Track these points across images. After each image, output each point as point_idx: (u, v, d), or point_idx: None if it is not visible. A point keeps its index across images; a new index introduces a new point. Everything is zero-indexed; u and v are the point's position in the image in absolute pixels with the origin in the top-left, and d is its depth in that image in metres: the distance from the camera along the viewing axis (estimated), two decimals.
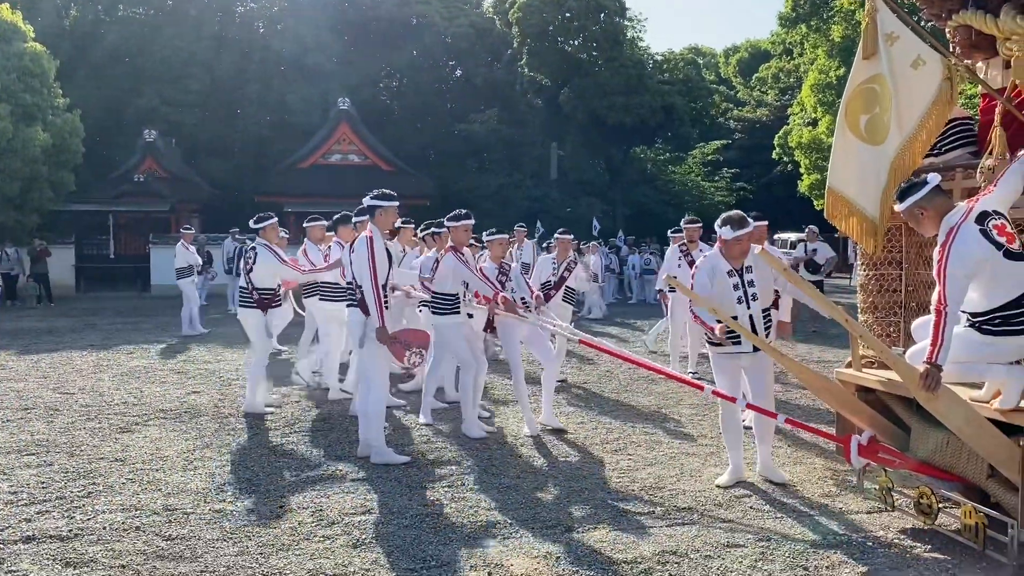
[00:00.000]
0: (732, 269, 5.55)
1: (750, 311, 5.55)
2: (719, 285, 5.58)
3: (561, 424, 7.48)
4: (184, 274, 14.88)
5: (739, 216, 5.57)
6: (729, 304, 5.51)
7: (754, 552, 4.47)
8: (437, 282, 7.16)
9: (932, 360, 4.04)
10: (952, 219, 4.19)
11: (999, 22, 4.80)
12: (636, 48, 38.18)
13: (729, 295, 5.55)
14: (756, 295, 5.56)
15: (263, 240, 8.01)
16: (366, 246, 6.14)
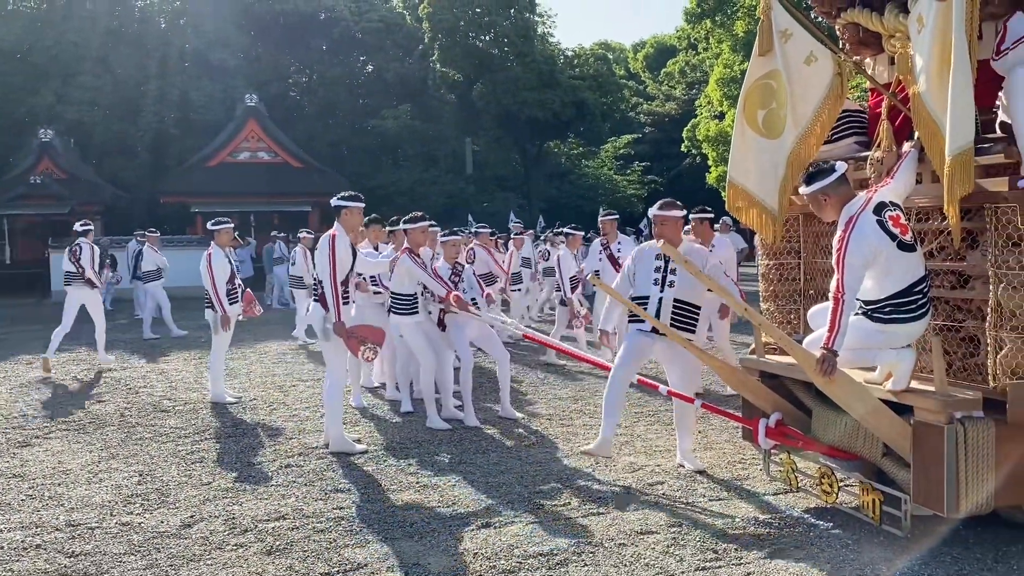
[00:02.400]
0: (661, 253, 5.59)
1: (662, 295, 5.61)
2: (642, 264, 5.80)
3: (519, 416, 7.74)
4: (151, 277, 14.85)
5: (669, 200, 5.85)
6: (645, 284, 5.71)
7: (666, 538, 4.59)
8: (394, 283, 7.47)
9: (829, 346, 4.21)
10: (852, 209, 4.36)
11: (884, 20, 5.02)
12: (547, 44, 38.47)
13: (647, 276, 5.72)
14: (674, 283, 5.60)
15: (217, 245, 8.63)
16: (328, 244, 6.43)
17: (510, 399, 7.86)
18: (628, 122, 43.61)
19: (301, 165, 30.60)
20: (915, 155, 4.52)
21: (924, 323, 4.33)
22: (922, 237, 4.65)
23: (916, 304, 4.25)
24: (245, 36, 35.21)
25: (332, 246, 6.42)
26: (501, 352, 7.61)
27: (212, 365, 8.69)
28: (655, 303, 5.61)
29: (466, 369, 7.44)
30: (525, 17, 36.97)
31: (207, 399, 8.72)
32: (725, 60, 28.07)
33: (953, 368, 4.47)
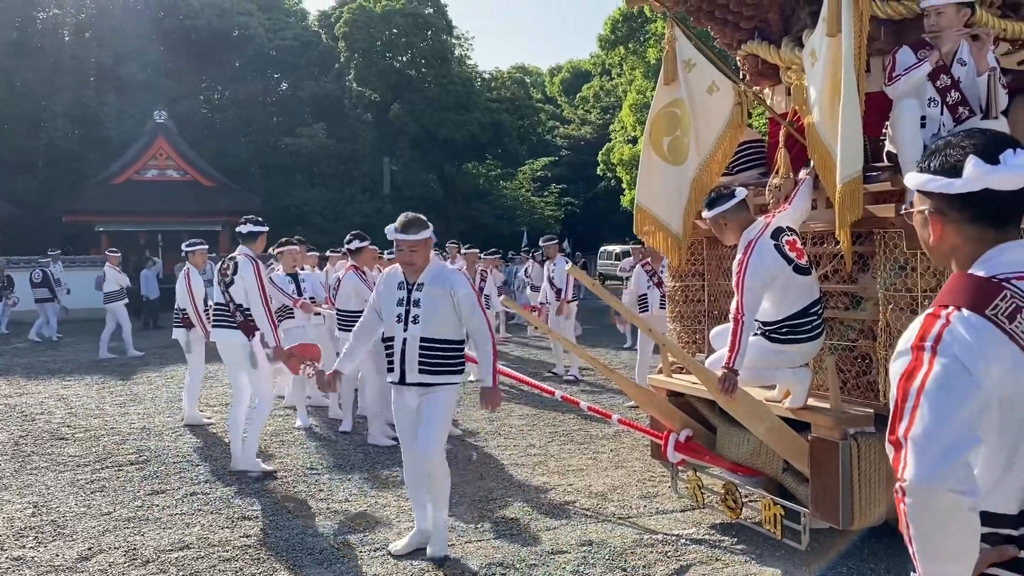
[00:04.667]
0: (404, 281, 4.64)
1: (406, 335, 4.52)
2: (386, 296, 4.69)
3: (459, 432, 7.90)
4: (114, 297, 14.42)
5: (405, 219, 4.53)
6: (389, 320, 4.64)
7: (576, 557, 4.64)
8: (340, 300, 7.81)
9: (730, 365, 4.34)
10: (751, 233, 4.53)
11: (781, 53, 5.26)
12: (464, 66, 38.68)
13: (390, 311, 4.64)
14: (418, 318, 4.51)
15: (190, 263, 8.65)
16: (255, 271, 6.53)
17: None
18: (545, 145, 44.13)
19: (212, 183, 29.88)
20: (810, 182, 4.73)
21: (819, 343, 4.52)
22: (818, 260, 4.86)
23: (811, 325, 4.44)
24: (155, 51, 34.28)
25: (259, 272, 6.53)
26: None
27: (188, 387, 8.54)
28: (399, 345, 4.53)
29: (372, 393, 7.53)
30: (442, 39, 37.11)
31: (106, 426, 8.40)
32: (638, 86, 28.76)
33: (847, 386, 4.67)
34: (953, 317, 1.60)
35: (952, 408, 1.53)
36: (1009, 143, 1.68)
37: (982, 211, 1.69)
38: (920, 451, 1.52)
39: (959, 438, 1.52)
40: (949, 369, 1.55)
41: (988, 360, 1.55)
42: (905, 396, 1.59)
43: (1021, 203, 1.68)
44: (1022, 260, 1.67)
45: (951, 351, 1.56)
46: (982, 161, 1.65)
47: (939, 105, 4.37)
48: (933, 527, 1.53)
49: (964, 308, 1.60)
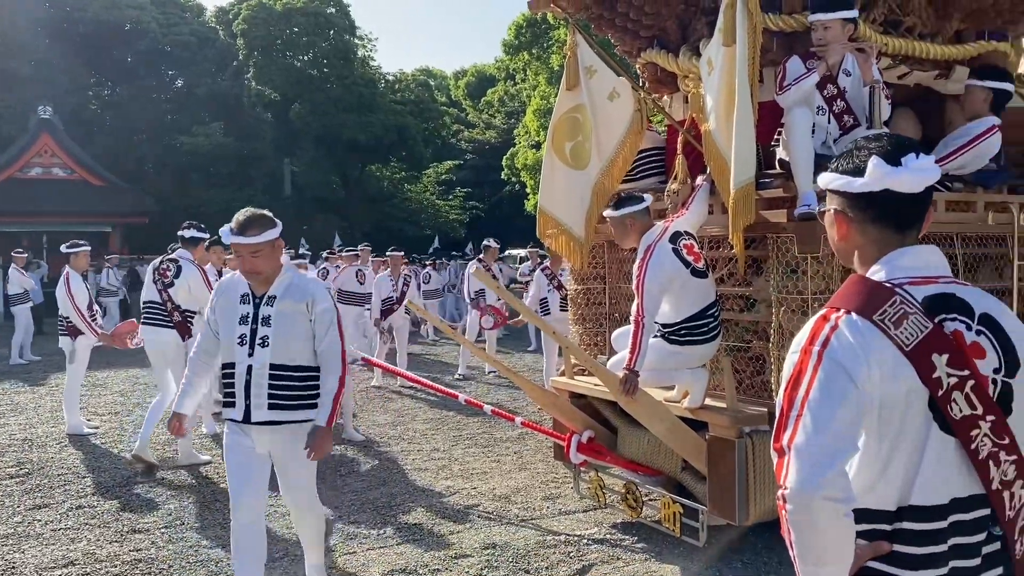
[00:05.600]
0: (248, 294, 3.72)
1: (252, 360, 3.64)
2: (225, 312, 3.76)
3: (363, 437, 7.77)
4: (19, 300, 13.87)
5: (244, 217, 3.63)
6: (229, 343, 3.71)
7: (480, 560, 4.63)
8: None
9: (631, 367, 4.42)
10: (650, 237, 4.62)
11: (679, 61, 5.40)
12: (368, 67, 38.26)
13: (231, 331, 3.71)
14: (268, 340, 3.63)
15: None
16: (203, 278, 6.84)
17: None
18: (450, 148, 44.07)
19: (101, 183, 28.64)
20: (707, 188, 4.86)
21: (716, 344, 4.64)
22: (714, 264, 5.00)
23: (708, 327, 4.55)
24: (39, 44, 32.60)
25: (206, 278, 6.91)
26: None
27: (67, 395, 8.24)
28: (243, 373, 3.65)
29: None
30: (345, 39, 36.61)
31: (62, 432, 7.92)
32: (542, 91, 29.03)
33: (742, 386, 4.81)
34: (842, 321, 1.66)
35: (833, 417, 1.58)
36: (914, 148, 1.74)
37: (883, 212, 1.75)
38: (801, 460, 1.57)
39: (838, 448, 1.58)
40: (833, 376, 1.61)
41: (871, 364, 1.61)
42: (791, 404, 1.64)
43: (921, 207, 1.75)
44: (917, 265, 1.74)
45: (836, 356, 1.62)
46: (884, 162, 1.71)
47: (827, 114, 4.57)
48: (812, 533, 1.58)
49: (853, 312, 1.66)
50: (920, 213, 1.77)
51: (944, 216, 4.83)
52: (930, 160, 1.73)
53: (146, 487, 6.22)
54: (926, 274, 1.73)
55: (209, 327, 3.86)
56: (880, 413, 1.63)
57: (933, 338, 1.63)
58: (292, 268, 3.84)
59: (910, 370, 1.62)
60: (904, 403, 1.63)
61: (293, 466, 3.82)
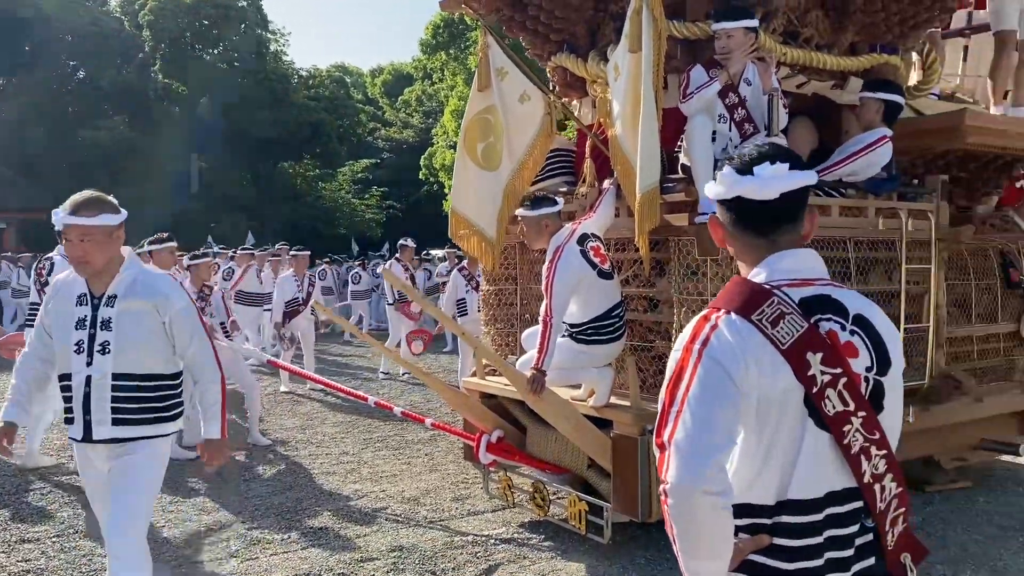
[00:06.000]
0: (86, 293, 3.26)
1: (90, 370, 3.19)
2: (59, 316, 3.30)
3: (269, 441, 7.57)
4: None
5: (81, 197, 3.18)
6: (65, 354, 3.26)
7: (387, 563, 4.59)
8: None
9: (538, 366, 4.46)
10: (559, 239, 4.67)
11: (587, 66, 5.47)
12: (280, 62, 37.49)
13: (66, 336, 3.25)
14: (109, 345, 3.19)
15: None
16: None
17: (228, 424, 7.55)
18: (366, 146, 43.54)
19: None
20: (614, 191, 4.94)
21: (621, 344, 4.72)
22: (620, 266, 5.09)
23: (614, 327, 4.63)
24: None
25: None
26: (250, 381, 7.57)
27: None
28: (80, 385, 3.21)
29: None
30: (257, 33, 35.76)
31: None
32: (459, 92, 28.97)
33: (646, 384, 4.90)
34: (721, 321, 1.72)
35: (712, 414, 1.64)
36: (771, 157, 1.80)
37: (740, 218, 1.82)
38: (680, 455, 1.62)
39: (716, 443, 1.63)
40: (712, 374, 1.66)
41: (749, 362, 1.67)
42: (671, 401, 1.69)
43: (783, 213, 1.81)
44: (796, 268, 1.81)
45: (716, 354, 1.68)
46: (734, 171, 1.79)
47: (728, 121, 4.70)
48: (692, 526, 1.63)
49: (733, 312, 1.72)
50: (782, 218, 1.81)
51: (838, 221, 5.03)
52: (783, 168, 1.77)
53: (38, 495, 5.95)
54: (804, 277, 1.80)
55: (44, 330, 3.35)
56: (758, 410, 1.69)
57: (808, 337, 1.69)
58: (137, 263, 3.32)
59: (786, 368, 1.68)
60: (781, 400, 1.69)
61: (125, 492, 3.19)
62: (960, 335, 5.78)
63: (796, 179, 1.79)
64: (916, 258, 5.28)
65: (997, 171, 6.14)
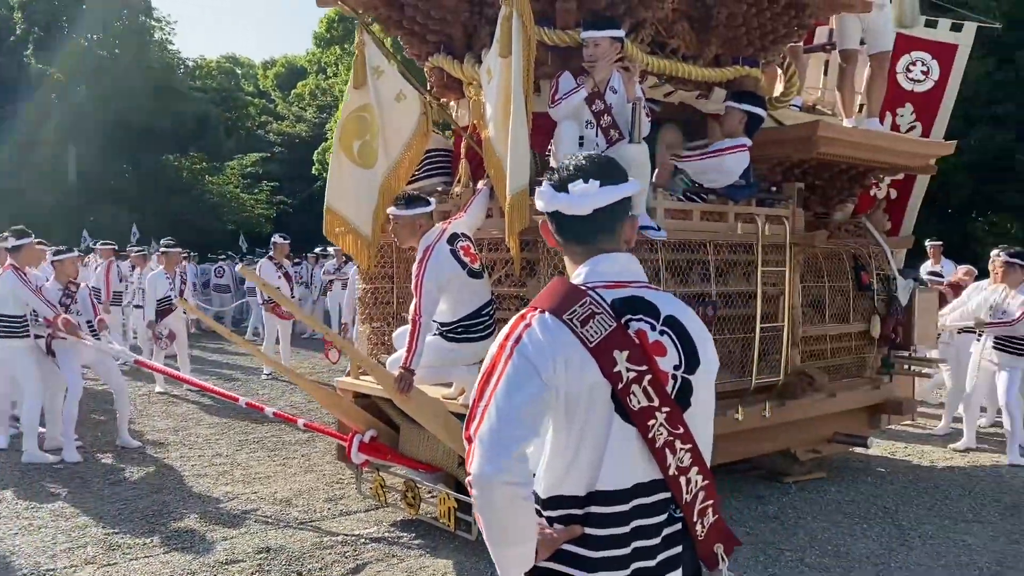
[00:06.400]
0: None
1: None
2: None
3: (137, 444, 7.33)
4: None
5: None
6: None
7: (252, 565, 4.53)
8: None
9: (407, 365, 4.48)
10: (429, 239, 4.70)
11: (463, 68, 5.52)
12: (166, 51, 36.11)
13: None
14: None
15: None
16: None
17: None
18: (257, 140, 42.37)
19: None
20: (487, 192, 5.02)
21: (491, 342, 4.78)
22: (493, 265, 5.16)
23: (484, 325, 4.71)
24: None
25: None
26: (119, 382, 7.35)
27: None
28: None
29: (73, 398, 6.89)
30: (140, 20, 34.31)
31: None
32: None
33: None
34: (535, 319, 1.81)
35: (515, 408, 1.72)
36: (586, 174, 1.88)
37: (561, 228, 1.93)
38: (483, 448, 1.70)
39: (516, 436, 1.71)
40: (520, 370, 1.74)
41: (557, 360, 1.75)
42: (481, 396, 1.77)
43: (600, 224, 1.90)
44: (613, 271, 1.90)
45: (526, 351, 1.76)
46: (552, 189, 1.90)
47: (595, 127, 4.85)
48: (495, 516, 1.72)
49: (547, 311, 1.81)
50: (602, 228, 1.91)
51: (699, 225, 5.26)
52: (594, 186, 1.87)
53: None
54: (620, 279, 1.89)
55: None
56: (567, 405, 1.77)
57: (615, 336, 1.79)
58: None
59: (593, 365, 1.77)
60: (588, 395, 1.78)
61: None
62: (814, 334, 6.13)
63: (608, 195, 1.88)
64: (772, 261, 5.57)
65: (850, 180, 6.52)
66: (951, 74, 7.64)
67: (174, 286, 9.74)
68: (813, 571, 4.50)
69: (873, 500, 5.80)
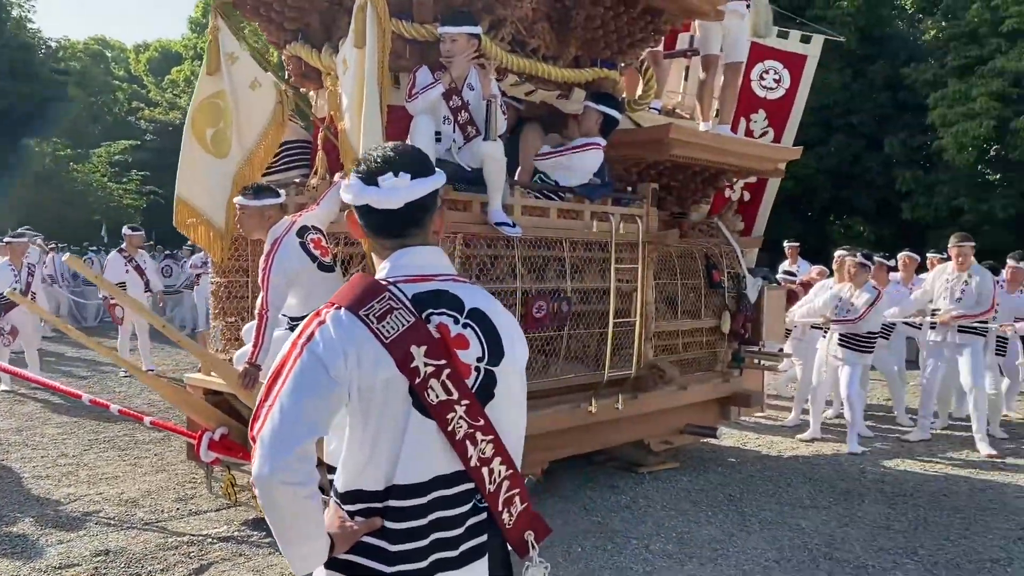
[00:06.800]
0: None
1: None
2: None
3: None
4: None
5: None
6: None
7: (87, 569, 4.34)
8: None
9: (252, 360, 4.39)
10: (277, 231, 4.61)
11: (322, 58, 5.44)
12: (24, 30, 33.95)
13: None
14: None
15: None
16: None
17: None
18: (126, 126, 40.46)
19: None
20: (341, 185, 4.94)
21: None
22: (350, 260, 5.10)
23: None
24: None
25: None
26: None
27: None
28: None
29: None
30: None
31: None
32: None
33: None
34: (329, 316, 1.78)
35: (299, 407, 1.69)
36: (395, 167, 1.88)
37: (370, 221, 1.91)
38: (263, 448, 1.68)
39: (299, 434, 1.68)
40: (309, 368, 1.71)
41: (349, 356, 1.73)
42: (267, 395, 1.73)
43: (406, 218, 1.90)
44: (417, 264, 1.90)
45: (316, 349, 1.73)
46: (361, 182, 1.88)
47: (452, 123, 4.87)
48: (279, 516, 1.70)
49: (343, 308, 1.79)
50: (412, 222, 1.91)
51: (556, 223, 5.36)
52: (405, 179, 1.87)
53: None
54: (423, 272, 1.90)
55: None
56: (361, 401, 1.76)
57: (413, 331, 1.79)
58: None
59: (389, 360, 1.76)
60: (384, 391, 1.77)
61: None
62: (667, 329, 6.35)
63: (419, 188, 1.88)
64: (626, 259, 5.74)
65: (704, 182, 6.78)
66: (800, 83, 8.06)
67: (19, 279, 9.17)
68: (657, 558, 4.66)
69: (720, 488, 6.07)
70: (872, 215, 17.43)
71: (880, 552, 4.83)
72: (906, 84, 16.26)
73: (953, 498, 5.93)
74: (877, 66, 16.97)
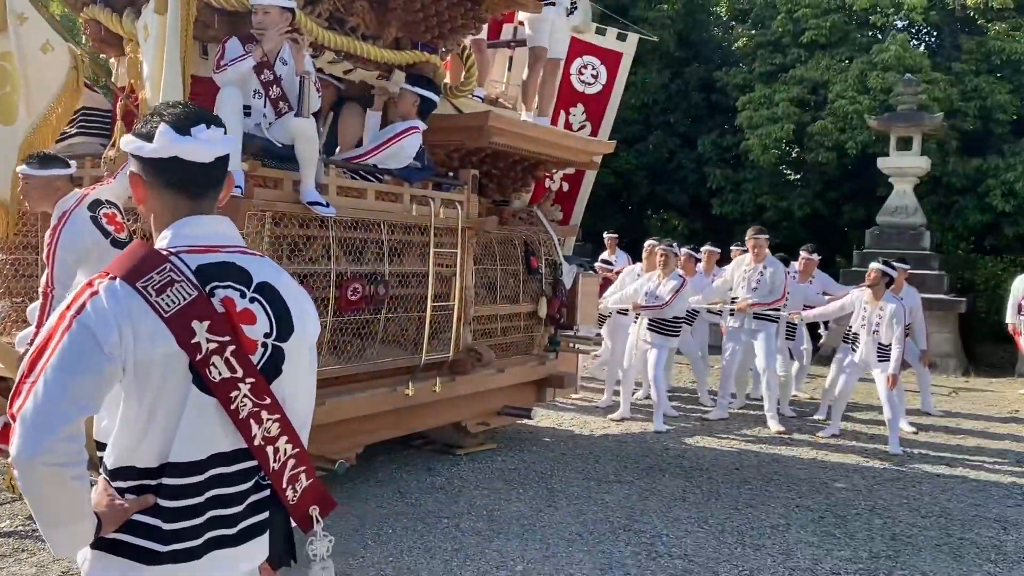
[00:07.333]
0: None
1: None
2: None
3: None
4: None
5: None
6: None
7: None
8: None
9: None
10: (66, 204, 4.30)
11: (123, 23, 5.11)
12: None
13: None
14: None
15: None
16: None
17: None
18: None
19: None
20: None
21: None
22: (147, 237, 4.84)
23: None
24: None
25: None
26: None
27: None
28: None
29: None
30: None
31: None
32: None
33: None
34: (103, 287, 1.67)
35: (66, 384, 1.59)
36: (205, 119, 1.81)
37: (173, 179, 1.79)
38: (24, 428, 1.57)
39: (63, 413, 1.58)
40: (78, 342, 1.61)
41: (124, 330, 1.64)
42: (31, 370, 1.61)
43: (214, 176, 1.83)
44: (202, 234, 1.82)
45: (88, 321, 1.62)
46: (172, 130, 1.76)
47: (263, 98, 4.72)
48: (39, 497, 1.61)
49: (119, 278, 1.69)
50: (213, 182, 1.85)
51: (374, 205, 5.32)
52: (219, 132, 1.82)
53: None
54: (209, 243, 1.81)
55: None
56: (136, 377, 1.68)
57: (195, 305, 1.71)
58: None
59: (168, 335, 1.68)
60: (162, 367, 1.69)
61: None
62: (486, 313, 6.46)
63: (228, 144, 1.84)
64: (446, 243, 5.78)
65: (524, 171, 6.94)
66: (616, 79, 8.40)
67: None
68: (466, 535, 4.75)
69: (532, 466, 6.26)
70: (686, 210, 18.43)
71: (675, 522, 5.15)
72: (719, 87, 17.28)
73: (744, 471, 6.42)
74: (693, 68, 17.93)
